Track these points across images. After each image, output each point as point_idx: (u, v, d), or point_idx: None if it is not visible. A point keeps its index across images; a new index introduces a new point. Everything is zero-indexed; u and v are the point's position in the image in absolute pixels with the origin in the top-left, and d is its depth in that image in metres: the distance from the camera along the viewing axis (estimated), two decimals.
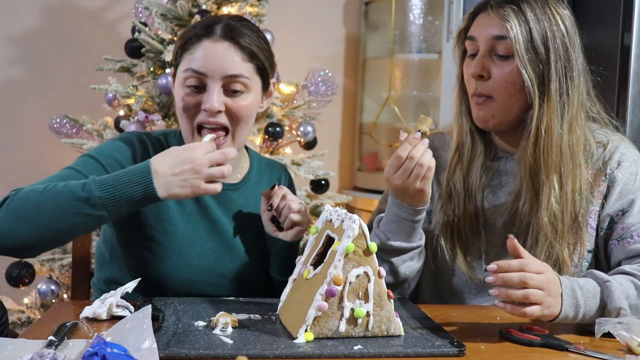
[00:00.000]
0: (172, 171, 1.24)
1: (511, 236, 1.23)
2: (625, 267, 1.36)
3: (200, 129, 1.41)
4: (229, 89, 1.39)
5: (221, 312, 1.18)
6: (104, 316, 1.21)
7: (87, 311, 1.23)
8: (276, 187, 1.47)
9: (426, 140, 1.36)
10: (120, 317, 1.19)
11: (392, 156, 1.36)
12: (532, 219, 1.43)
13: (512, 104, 1.44)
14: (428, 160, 1.35)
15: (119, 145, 1.43)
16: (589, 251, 1.45)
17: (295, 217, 1.43)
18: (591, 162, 1.47)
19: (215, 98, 1.37)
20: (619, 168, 1.46)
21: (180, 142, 1.49)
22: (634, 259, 1.39)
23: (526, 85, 1.39)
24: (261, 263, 1.52)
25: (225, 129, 1.41)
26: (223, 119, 1.39)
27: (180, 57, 1.42)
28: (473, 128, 1.51)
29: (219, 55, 1.38)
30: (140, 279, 1.30)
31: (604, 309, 1.27)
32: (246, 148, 1.59)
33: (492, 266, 1.19)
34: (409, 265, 1.48)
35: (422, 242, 1.50)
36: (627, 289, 1.29)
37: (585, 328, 1.29)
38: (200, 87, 1.38)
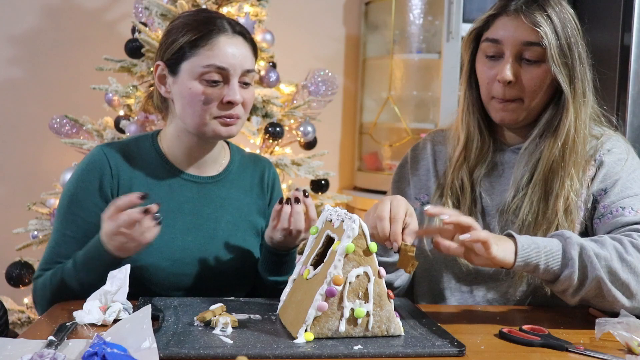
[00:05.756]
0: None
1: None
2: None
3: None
4: (242, 82, 1.46)
5: (216, 306, 1.18)
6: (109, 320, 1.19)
7: (89, 317, 1.19)
8: (301, 197, 1.43)
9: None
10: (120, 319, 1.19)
11: (376, 217, 1.31)
12: (540, 209, 1.45)
13: (536, 104, 1.47)
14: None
15: (86, 178, 1.45)
16: (580, 233, 1.47)
17: (305, 236, 1.45)
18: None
19: (237, 91, 1.44)
20: (609, 154, 1.49)
21: (154, 145, 1.51)
22: (613, 232, 1.40)
23: (564, 89, 1.43)
24: (245, 251, 1.54)
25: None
26: (239, 110, 1.46)
27: (189, 51, 1.43)
28: (482, 124, 1.53)
29: (238, 51, 1.44)
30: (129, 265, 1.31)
31: (565, 251, 1.28)
32: (227, 143, 1.62)
33: (430, 208, 1.29)
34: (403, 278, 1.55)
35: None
36: (581, 240, 1.31)
37: (553, 290, 1.33)
38: (219, 81, 1.43)
